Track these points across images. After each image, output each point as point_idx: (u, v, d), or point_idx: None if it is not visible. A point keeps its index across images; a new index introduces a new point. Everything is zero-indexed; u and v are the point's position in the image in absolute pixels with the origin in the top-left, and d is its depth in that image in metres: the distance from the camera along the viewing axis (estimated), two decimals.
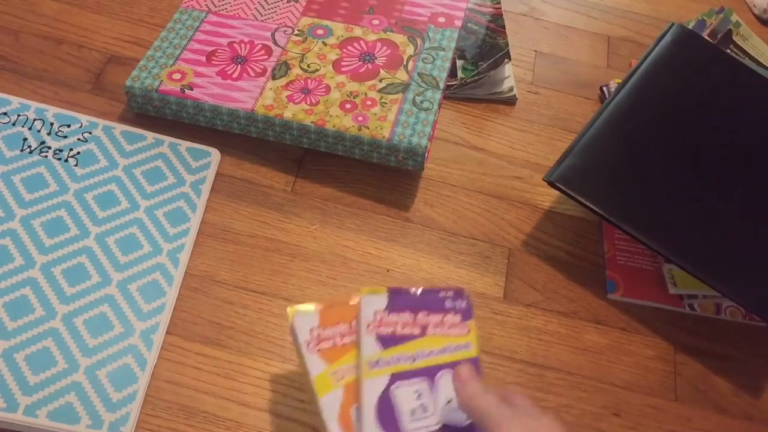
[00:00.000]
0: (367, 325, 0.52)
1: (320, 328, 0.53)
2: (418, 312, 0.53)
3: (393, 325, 0.53)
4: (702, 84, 0.71)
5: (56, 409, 0.52)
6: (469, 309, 0.55)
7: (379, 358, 0.51)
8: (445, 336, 0.53)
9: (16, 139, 0.64)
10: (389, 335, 0.52)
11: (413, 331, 0.53)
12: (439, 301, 0.54)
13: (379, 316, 0.53)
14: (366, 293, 0.54)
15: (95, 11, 0.78)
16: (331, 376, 0.51)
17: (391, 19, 0.76)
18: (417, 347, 0.52)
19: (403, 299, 0.54)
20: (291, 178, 0.69)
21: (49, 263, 0.58)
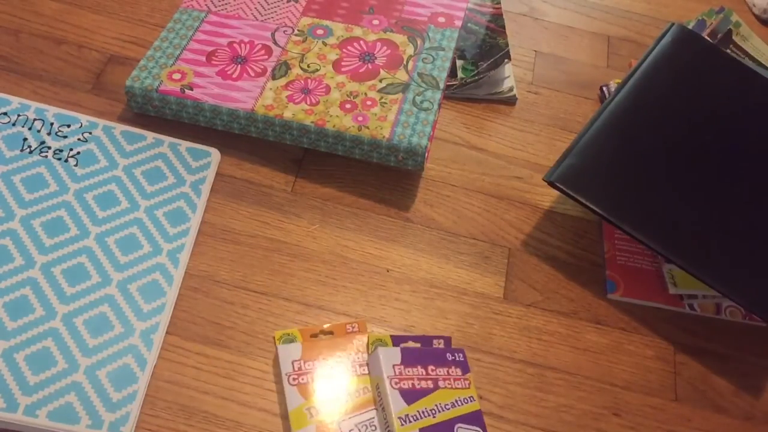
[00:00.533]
0: (389, 379, 0.54)
1: (302, 361, 0.56)
2: (427, 366, 0.56)
3: (411, 379, 0.55)
4: (702, 84, 0.71)
5: (56, 409, 0.52)
6: (466, 362, 0.58)
7: (407, 414, 0.53)
8: (453, 389, 0.56)
9: (16, 139, 0.64)
10: (410, 389, 0.55)
11: (428, 385, 0.55)
12: (442, 354, 0.57)
13: (398, 369, 0.55)
14: (378, 344, 0.57)
15: (95, 11, 0.78)
16: (306, 411, 0.54)
17: (391, 19, 0.76)
18: (434, 401, 0.55)
19: (413, 353, 0.57)
20: (291, 178, 0.69)
21: (49, 263, 0.58)
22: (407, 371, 0.55)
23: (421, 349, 0.57)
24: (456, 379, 0.57)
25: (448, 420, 0.54)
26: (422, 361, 0.56)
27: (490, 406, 0.59)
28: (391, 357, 0.56)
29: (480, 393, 0.59)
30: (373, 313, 0.62)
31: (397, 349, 0.56)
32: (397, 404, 0.53)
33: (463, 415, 0.55)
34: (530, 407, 0.59)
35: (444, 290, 0.64)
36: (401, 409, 0.53)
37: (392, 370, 0.55)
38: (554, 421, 0.59)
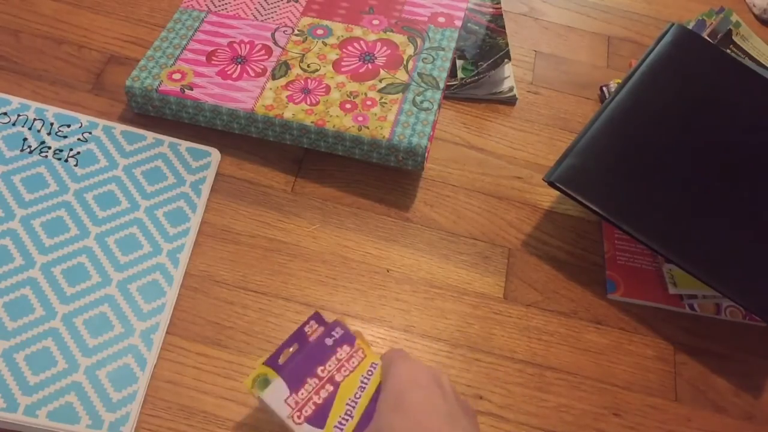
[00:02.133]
0: (290, 418, 0.49)
1: (294, 395, 0.50)
2: (315, 370, 0.51)
3: (309, 399, 0.50)
4: (702, 84, 0.71)
5: (56, 409, 0.52)
6: (348, 332, 0.53)
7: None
8: (353, 373, 0.52)
9: (16, 139, 0.64)
10: (315, 411, 0.50)
11: (328, 390, 0.51)
12: (321, 346, 0.52)
13: (292, 401, 0.50)
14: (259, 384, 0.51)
15: (95, 11, 0.78)
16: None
17: (391, 19, 0.76)
18: (344, 401, 0.50)
19: (294, 372, 0.51)
20: (291, 178, 0.69)
21: (49, 263, 0.58)
22: (302, 395, 0.50)
23: (300, 359, 0.52)
24: (348, 359, 0.52)
25: (366, 408, 0.50)
26: (309, 370, 0.51)
27: (490, 406, 0.59)
28: (279, 394, 0.50)
29: (480, 393, 0.59)
30: (373, 313, 0.62)
31: (280, 382, 0.51)
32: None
33: (377, 389, 0.51)
34: (530, 407, 0.59)
35: (444, 290, 0.64)
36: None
37: (286, 406, 0.50)
38: (554, 421, 0.59)
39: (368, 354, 0.53)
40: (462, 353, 0.61)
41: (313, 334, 0.54)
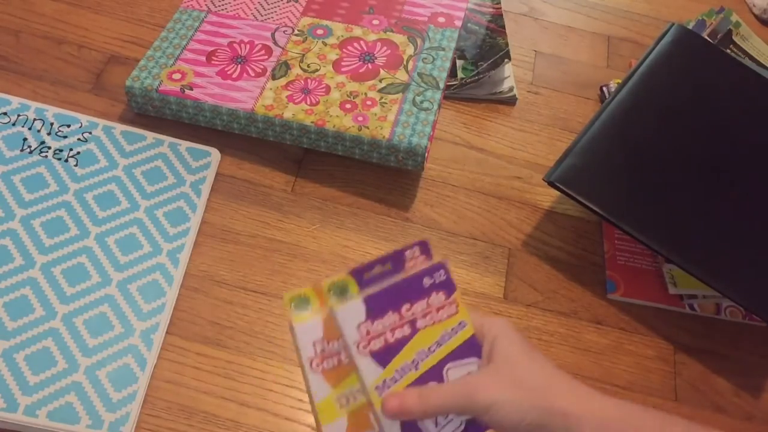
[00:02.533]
0: (356, 345, 0.45)
1: (324, 342, 0.46)
2: (400, 307, 0.46)
3: (382, 334, 0.45)
4: (702, 84, 0.71)
5: (56, 409, 0.52)
6: (449, 279, 0.48)
7: (384, 379, 0.45)
8: (437, 324, 0.47)
9: (16, 139, 0.64)
10: (383, 348, 0.45)
11: (404, 332, 0.46)
12: (417, 283, 0.47)
13: (365, 329, 0.45)
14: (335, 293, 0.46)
15: (95, 11, 0.78)
16: (336, 401, 0.46)
17: (391, 19, 0.76)
18: (414, 350, 0.46)
19: (380, 299, 0.46)
20: (291, 178, 0.69)
21: (49, 263, 0.58)
22: (376, 326, 0.45)
23: (390, 287, 0.46)
24: (439, 308, 0.47)
25: (434, 366, 0.45)
26: (394, 303, 0.46)
27: None
28: (354, 315, 0.45)
29: None
30: None
31: (360, 303, 0.45)
32: (370, 372, 0.44)
33: (453, 351, 0.46)
34: None
35: None
36: (376, 376, 0.44)
37: (357, 332, 0.45)
38: None
39: (461, 311, 0.47)
40: None
41: (413, 264, 0.48)
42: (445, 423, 0.45)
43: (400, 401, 0.44)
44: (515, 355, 0.44)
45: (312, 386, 0.45)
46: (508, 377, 0.43)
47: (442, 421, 0.45)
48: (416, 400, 0.43)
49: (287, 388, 0.57)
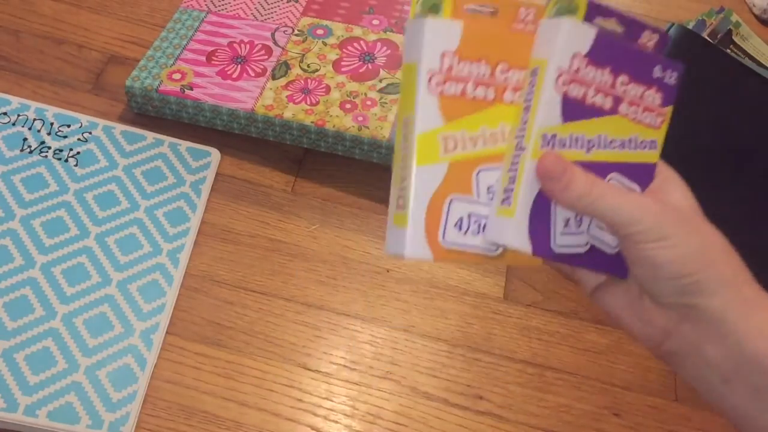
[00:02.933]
0: (558, 73, 0.35)
1: (457, 58, 0.35)
2: (619, 74, 0.37)
3: (587, 85, 0.36)
4: (701, 84, 0.71)
5: (56, 409, 0.52)
6: (674, 88, 0.40)
7: (556, 134, 0.36)
8: (635, 123, 0.38)
9: (16, 139, 0.64)
10: (577, 101, 0.36)
11: (605, 103, 0.37)
12: (647, 64, 0.38)
13: (576, 64, 0.36)
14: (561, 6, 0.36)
15: (95, 11, 0.78)
16: (442, 140, 0.36)
17: (391, 19, 0.76)
18: (600, 129, 0.37)
19: (608, 46, 0.36)
20: (291, 178, 0.69)
21: (49, 263, 0.58)
22: (588, 72, 0.36)
23: (622, 44, 0.38)
24: (648, 108, 0.39)
25: (602, 162, 0.37)
26: (616, 63, 0.37)
27: (490, 406, 0.59)
28: (576, 39, 0.35)
29: (480, 393, 0.59)
30: (373, 313, 0.62)
31: (591, 30, 0.36)
32: (549, 113, 0.35)
33: (628, 164, 0.38)
34: (530, 407, 0.59)
35: (444, 290, 0.64)
36: (552, 124, 0.35)
37: (569, 60, 0.35)
38: (554, 421, 0.59)
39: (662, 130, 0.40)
40: (462, 353, 0.61)
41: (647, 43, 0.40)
42: (571, 232, 0.38)
43: (566, 168, 0.35)
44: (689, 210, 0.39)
45: (419, 110, 0.35)
46: (685, 223, 0.37)
47: (573, 225, 0.37)
48: (584, 181, 0.35)
49: (287, 388, 0.57)
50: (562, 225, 0.37)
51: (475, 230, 0.37)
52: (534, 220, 0.36)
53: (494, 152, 0.37)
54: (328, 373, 0.58)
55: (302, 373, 0.58)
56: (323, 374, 0.58)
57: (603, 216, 0.36)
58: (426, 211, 0.36)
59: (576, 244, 0.38)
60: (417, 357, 0.60)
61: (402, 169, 0.37)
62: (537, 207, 0.36)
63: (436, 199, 0.36)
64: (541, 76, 0.36)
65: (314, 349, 0.59)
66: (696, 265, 0.36)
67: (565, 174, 0.35)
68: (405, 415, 0.57)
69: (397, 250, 0.37)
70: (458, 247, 0.37)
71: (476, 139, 0.36)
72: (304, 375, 0.58)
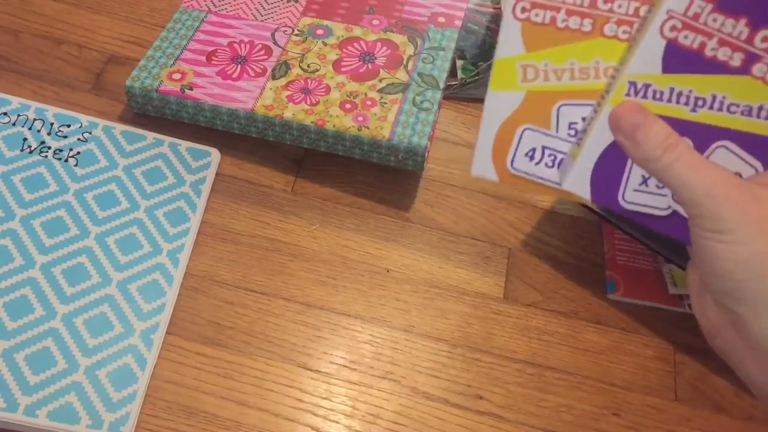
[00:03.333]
0: (668, 16, 0.31)
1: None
2: (760, 27, 0.31)
3: (708, 35, 0.31)
4: None
5: (56, 409, 0.52)
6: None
7: (651, 83, 0.32)
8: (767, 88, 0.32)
9: (16, 139, 0.64)
10: (690, 51, 0.31)
11: (732, 59, 0.31)
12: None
13: (697, 8, 0.30)
14: None
15: (95, 11, 0.78)
16: (521, 69, 0.34)
17: (391, 19, 0.76)
18: (717, 88, 0.32)
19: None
20: (291, 178, 0.69)
21: (49, 263, 0.58)
22: (713, 20, 0.30)
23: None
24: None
25: (710, 128, 0.32)
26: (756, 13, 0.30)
27: (490, 406, 0.59)
28: None
29: (480, 393, 0.59)
30: (373, 313, 0.62)
31: None
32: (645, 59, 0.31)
33: (750, 135, 0.33)
34: (530, 407, 0.59)
35: (444, 290, 0.64)
36: (647, 72, 0.31)
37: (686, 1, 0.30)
38: (554, 421, 0.59)
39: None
40: (462, 353, 0.61)
41: None
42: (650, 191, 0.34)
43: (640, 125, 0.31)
44: None
45: (501, 35, 0.33)
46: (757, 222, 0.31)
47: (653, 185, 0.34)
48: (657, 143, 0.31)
49: (287, 388, 0.57)
50: (638, 181, 0.34)
51: (549, 163, 0.35)
52: (602, 168, 0.33)
53: (583, 88, 0.33)
54: (328, 373, 0.58)
55: (302, 373, 0.58)
56: (323, 374, 0.58)
57: (670, 187, 0.32)
58: (495, 135, 0.35)
59: (654, 205, 0.34)
60: (417, 357, 0.60)
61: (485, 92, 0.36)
62: (609, 155, 0.33)
63: (507, 125, 0.34)
64: (652, 15, 0.31)
65: (314, 349, 0.59)
66: (750, 273, 0.31)
67: (638, 129, 0.31)
68: (405, 415, 0.57)
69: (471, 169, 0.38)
70: (526, 175, 0.36)
71: (561, 72, 0.33)
72: (304, 375, 0.58)
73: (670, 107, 0.32)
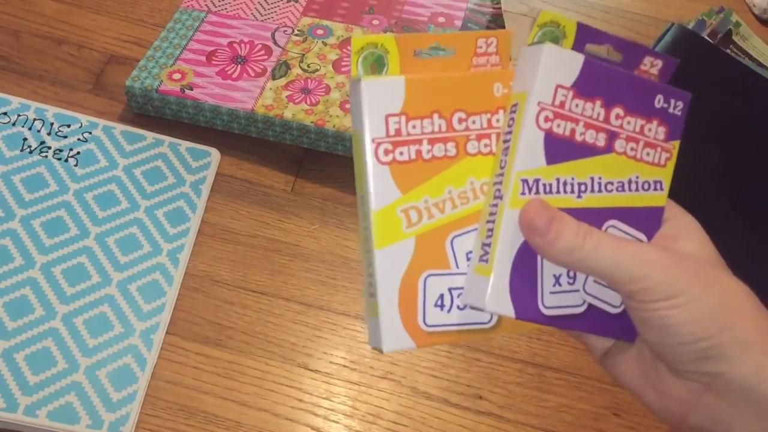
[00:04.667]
0: (540, 108, 0.31)
1: (404, 118, 0.31)
2: (613, 106, 0.32)
3: (575, 121, 0.32)
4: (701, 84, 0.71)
5: (56, 409, 0.52)
6: (681, 119, 0.36)
7: (539, 177, 0.31)
8: (635, 161, 0.33)
9: (16, 139, 0.64)
10: (564, 139, 0.31)
11: (597, 140, 0.32)
12: (647, 93, 0.34)
13: (561, 97, 0.31)
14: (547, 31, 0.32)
15: (95, 11, 0.78)
16: (402, 214, 0.31)
17: (391, 19, 0.76)
18: (593, 171, 0.32)
19: (600, 75, 0.32)
20: (291, 178, 0.69)
21: (49, 263, 0.58)
22: (575, 106, 0.32)
23: (614, 71, 0.33)
24: (650, 144, 0.34)
25: (597, 209, 0.32)
26: (608, 93, 0.32)
27: (490, 406, 0.59)
28: (560, 67, 0.31)
29: (480, 393, 0.59)
30: None
31: (579, 57, 0.32)
32: (529, 155, 0.31)
33: (630, 209, 0.34)
34: (530, 407, 0.59)
35: None
36: (533, 166, 0.31)
37: (552, 92, 0.31)
38: (554, 421, 0.59)
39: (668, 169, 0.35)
40: (462, 353, 0.61)
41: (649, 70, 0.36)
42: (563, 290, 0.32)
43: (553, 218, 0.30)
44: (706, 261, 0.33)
45: (371, 184, 0.31)
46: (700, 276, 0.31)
47: (565, 283, 0.32)
48: (575, 232, 0.30)
49: (287, 388, 0.57)
50: (552, 283, 0.32)
51: (461, 305, 0.32)
52: (516, 277, 0.31)
53: (466, 213, 0.32)
54: (328, 373, 0.58)
55: (302, 373, 0.58)
56: (323, 374, 0.58)
57: (600, 272, 0.31)
58: (399, 297, 0.31)
59: (570, 304, 0.32)
60: (417, 357, 0.60)
61: (366, 252, 0.32)
62: (519, 262, 0.31)
63: (407, 280, 0.31)
64: (520, 113, 0.31)
65: (314, 349, 0.59)
66: (714, 327, 0.30)
67: (552, 225, 0.30)
68: (405, 415, 0.57)
69: (376, 343, 0.32)
70: (442, 328, 0.32)
71: (443, 204, 0.32)
72: (304, 375, 0.58)
73: (559, 198, 0.32)
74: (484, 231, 0.32)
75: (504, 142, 0.32)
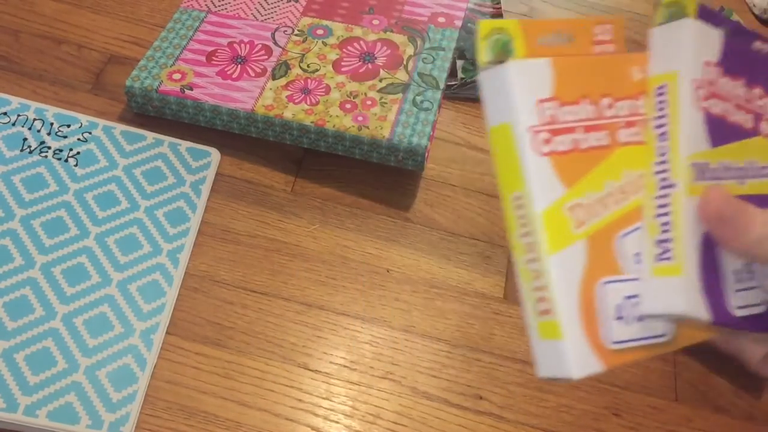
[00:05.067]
0: (695, 86, 0.28)
1: (557, 103, 0.28)
2: (754, 85, 0.30)
3: (726, 100, 0.29)
4: None
5: (56, 409, 0.52)
6: None
7: (707, 162, 0.28)
8: None
9: (15, 139, 0.64)
10: (720, 120, 0.29)
11: (746, 122, 0.30)
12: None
13: (711, 74, 0.29)
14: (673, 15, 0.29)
15: (95, 11, 0.78)
16: (569, 212, 0.28)
17: (391, 19, 0.76)
18: (748, 154, 0.30)
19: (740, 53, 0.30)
20: (291, 178, 0.69)
21: (49, 263, 0.58)
22: (724, 84, 0.29)
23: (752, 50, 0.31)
24: None
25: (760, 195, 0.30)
26: (750, 72, 0.30)
27: (490, 406, 0.59)
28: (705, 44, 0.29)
29: (480, 393, 0.59)
30: (373, 313, 0.62)
31: (717, 33, 0.29)
32: (694, 136, 0.28)
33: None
34: (530, 407, 0.59)
35: (444, 290, 0.64)
36: (700, 149, 0.28)
37: (701, 68, 0.29)
38: (554, 421, 0.59)
39: None
40: (462, 353, 0.61)
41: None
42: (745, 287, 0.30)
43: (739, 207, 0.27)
44: None
45: (532, 181, 0.27)
46: None
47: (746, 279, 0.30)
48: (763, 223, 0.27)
49: (287, 388, 0.57)
50: (734, 279, 0.29)
51: (636, 315, 0.29)
52: (705, 275, 0.28)
53: (628, 209, 0.29)
54: (328, 373, 0.58)
55: (302, 373, 0.58)
56: (323, 374, 0.58)
57: None
58: (580, 311, 0.27)
59: (753, 303, 0.29)
60: (417, 357, 0.60)
61: (530, 262, 0.28)
62: (704, 258, 0.28)
63: (584, 291, 0.28)
64: (673, 93, 0.29)
65: (314, 349, 0.59)
66: None
67: (741, 214, 0.27)
68: (405, 415, 0.57)
69: (560, 371, 0.28)
70: (628, 344, 0.29)
71: (606, 200, 0.29)
72: (304, 375, 0.58)
73: (726, 184, 0.29)
74: (656, 226, 0.28)
75: (657, 128, 0.29)
